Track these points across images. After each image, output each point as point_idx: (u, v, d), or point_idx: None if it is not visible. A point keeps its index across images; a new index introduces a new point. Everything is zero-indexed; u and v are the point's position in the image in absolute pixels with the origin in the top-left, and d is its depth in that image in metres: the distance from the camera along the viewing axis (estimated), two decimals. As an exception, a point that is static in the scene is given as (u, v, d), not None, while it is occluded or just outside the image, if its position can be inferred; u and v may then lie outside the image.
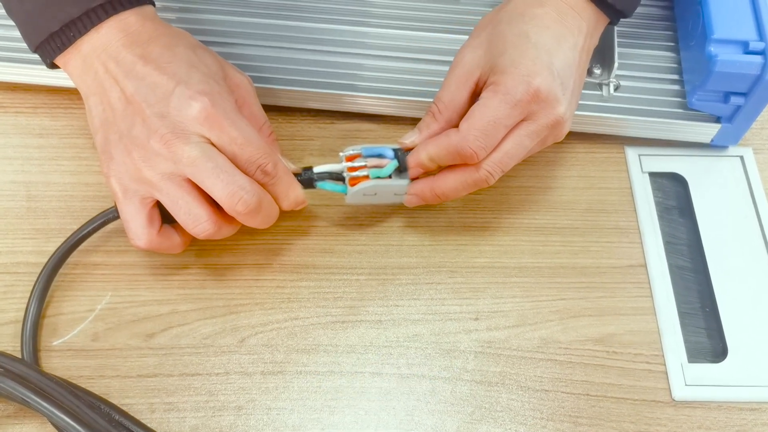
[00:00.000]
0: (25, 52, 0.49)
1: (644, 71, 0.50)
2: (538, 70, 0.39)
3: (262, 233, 0.45)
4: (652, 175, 0.49)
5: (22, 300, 0.42)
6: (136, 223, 0.40)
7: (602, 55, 0.50)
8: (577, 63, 0.42)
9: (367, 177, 0.41)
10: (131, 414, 0.39)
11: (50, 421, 0.38)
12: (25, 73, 0.49)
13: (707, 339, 0.44)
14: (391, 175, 0.42)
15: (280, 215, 0.42)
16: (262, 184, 0.40)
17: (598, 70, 0.49)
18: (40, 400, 0.36)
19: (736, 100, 0.45)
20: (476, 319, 0.43)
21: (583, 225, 0.47)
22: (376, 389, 0.41)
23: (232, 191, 0.38)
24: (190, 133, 0.38)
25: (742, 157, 0.50)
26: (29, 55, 0.48)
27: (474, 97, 0.42)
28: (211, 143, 0.38)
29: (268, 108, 0.45)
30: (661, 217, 0.48)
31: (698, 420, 0.40)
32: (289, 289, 0.44)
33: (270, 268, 0.45)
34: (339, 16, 0.52)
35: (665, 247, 0.46)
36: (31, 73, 0.49)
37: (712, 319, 0.44)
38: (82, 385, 0.40)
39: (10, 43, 0.50)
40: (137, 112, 0.38)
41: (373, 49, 0.51)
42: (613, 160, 0.50)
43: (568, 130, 0.42)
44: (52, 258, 0.43)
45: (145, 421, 0.39)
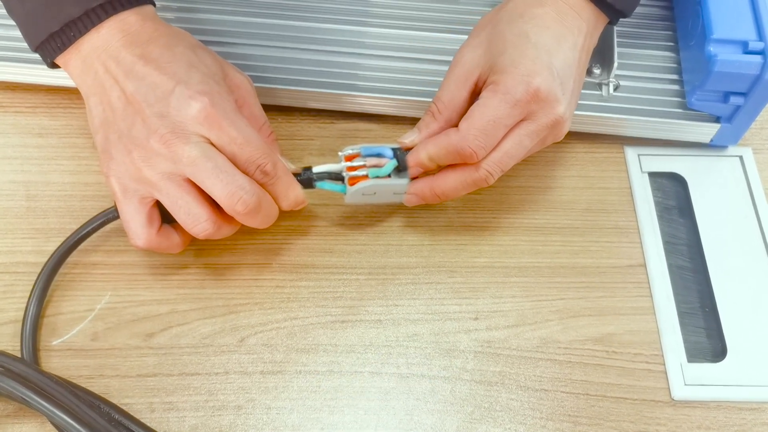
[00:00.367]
0: (25, 51, 0.49)
1: (644, 71, 0.50)
2: (538, 69, 0.39)
3: (261, 233, 0.45)
4: (652, 174, 0.50)
5: (22, 299, 0.42)
6: (136, 223, 0.40)
7: (602, 55, 0.50)
8: (577, 63, 0.42)
9: (366, 176, 0.41)
10: (131, 413, 0.39)
11: (50, 421, 0.38)
12: (24, 72, 0.49)
13: (707, 339, 0.44)
14: (390, 175, 0.42)
15: (280, 215, 0.42)
16: (262, 184, 0.40)
17: (597, 70, 0.49)
18: (40, 400, 0.36)
19: (735, 100, 0.45)
20: (476, 319, 0.43)
21: (583, 225, 0.47)
22: (376, 389, 0.41)
23: (232, 191, 0.38)
24: (190, 133, 0.38)
25: (741, 157, 0.50)
26: (28, 55, 0.48)
27: (473, 96, 0.42)
28: (211, 143, 0.38)
29: (268, 108, 0.45)
30: (661, 217, 0.48)
31: (697, 420, 0.41)
32: (289, 289, 0.44)
33: (269, 268, 0.45)
34: (339, 15, 0.52)
35: (665, 247, 0.46)
36: (31, 73, 0.49)
37: (711, 318, 0.44)
38: (82, 384, 0.40)
39: (10, 43, 0.50)
40: (137, 112, 0.38)
41: (372, 48, 0.51)
42: (612, 160, 0.50)
43: (567, 129, 0.42)
44: (52, 258, 0.43)
45: (145, 421, 0.39)
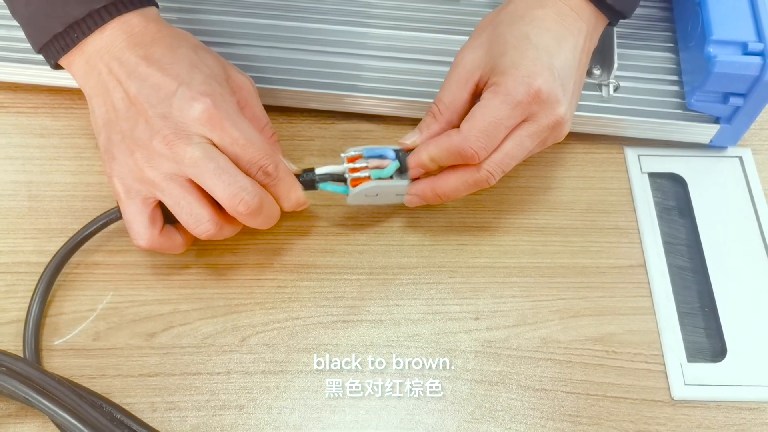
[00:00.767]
0: (27, 52, 0.49)
1: (643, 72, 0.50)
2: (539, 71, 0.39)
3: (263, 233, 0.45)
4: (652, 175, 0.50)
5: (24, 299, 0.42)
6: (138, 223, 0.40)
7: (602, 56, 0.50)
8: (577, 64, 0.42)
9: (369, 178, 0.42)
10: (133, 413, 0.39)
11: (52, 420, 0.38)
12: (26, 73, 0.49)
13: (706, 339, 0.44)
14: (392, 176, 0.42)
15: (281, 215, 0.42)
16: (264, 185, 0.40)
17: (597, 71, 0.50)
18: (42, 399, 0.36)
19: (735, 101, 0.46)
20: (476, 319, 0.44)
21: (583, 225, 0.47)
22: (377, 388, 0.41)
23: (234, 192, 0.38)
24: (192, 133, 0.38)
25: (741, 158, 0.50)
26: (31, 56, 0.48)
27: (474, 98, 0.43)
28: (213, 144, 0.38)
29: (269, 108, 0.45)
30: (661, 218, 0.48)
31: (697, 419, 0.41)
32: (290, 289, 0.44)
33: (271, 268, 0.45)
34: (340, 16, 0.52)
35: (664, 247, 0.47)
36: (33, 73, 0.49)
37: (711, 318, 0.44)
38: (84, 384, 0.40)
39: (12, 44, 0.50)
40: (140, 113, 0.38)
41: (373, 49, 0.51)
42: (612, 161, 0.50)
43: (568, 130, 0.43)
44: (55, 258, 0.43)
45: (147, 420, 0.39)
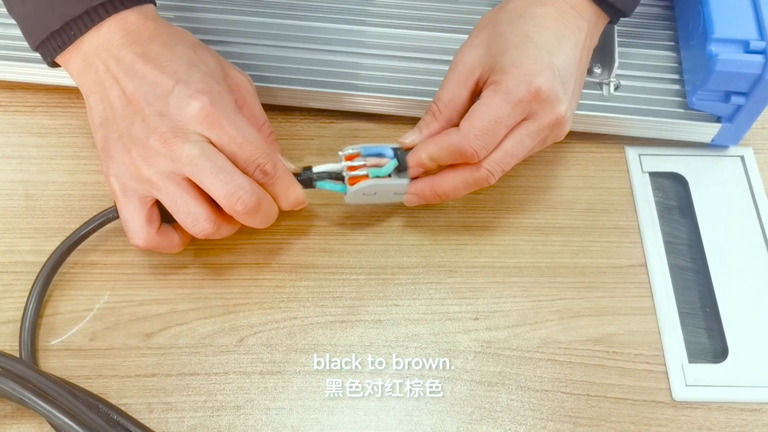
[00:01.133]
0: (24, 50, 0.49)
1: (644, 71, 0.50)
2: (539, 69, 0.39)
3: (261, 232, 0.45)
4: (653, 174, 0.49)
5: (20, 299, 0.42)
6: (135, 222, 0.39)
7: (602, 55, 0.50)
8: (578, 62, 0.42)
9: (367, 176, 0.41)
10: (129, 414, 0.39)
11: (48, 421, 0.37)
12: (23, 71, 0.49)
13: (708, 339, 0.44)
14: (390, 175, 0.42)
15: (279, 215, 0.42)
16: (262, 184, 0.40)
17: (598, 70, 0.49)
18: (38, 400, 0.36)
19: (736, 100, 0.45)
20: (476, 319, 0.43)
21: (583, 225, 0.47)
22: (375, 389, 0.41)
23: (231, 191, 0.38)
24: (190, 132, 0.38)
25: (742, 157, 0.50)
26: (28, 54, 0.48)
27: (474, 96, 0.42)
28: (211, 142, 0.38)
29: (268, 107, 0.45)
30: (662, 217, 0.48)
31: (699, 421, 0.40)
32: (288, 289, 0.44)
33: (269, 268, 0.45)
34: (339, 15, 0.52)
35: (665, 247, 0.46)
36: (30, 72, 0.49)
37: (712, 319, 0.44)
38: (80, 384, 0.40)
39: (9, 42, 0.49)
40: (137, 111, 0.38)
41: (372, 48, 0.51)
42: (613, 160, 0.50)
43: (568, 129, 0.42)
44: (51, 257, 0.43)
45: (144, 421, 0.39)
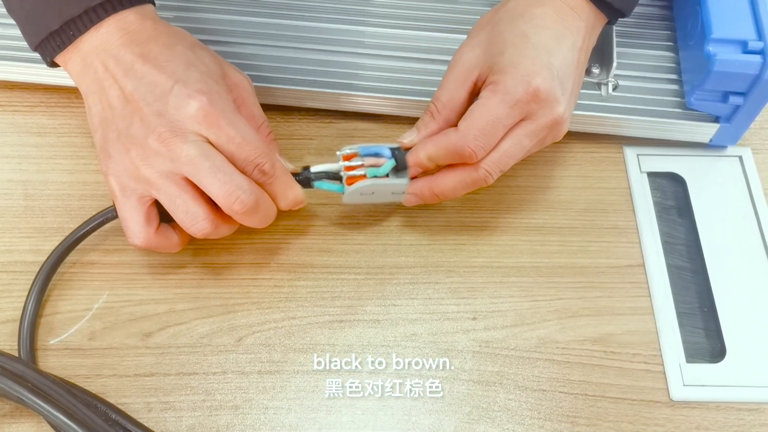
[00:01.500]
0: (23, 50, 0.49)
1: (643, 71, 0.50)
2: (538, 69, 0.39)
3: (259, 232, 0.45)
4: (651, 174, 0.49)
5: (20, 299, 0.42)
6: (134, 222, 0.39)
7: (601, 55, 0.50)
8: (576, 63, 0.42)
9: (365, 176, 0.41)
10: (128, 413, 0.39)
11: (47, 420, 0.37)
12: (22, 71, 0.49)
13: (705, 339, 0.44)
14: (388, 175, 0.42)
15: (278, 214, 0.42)
16: (260, 184, 0.40)
17: (596, 70, 0.49)
18: (37, 399, 0.36)
19: (734, 100, 0.45)
20: (474, 319, 0.43)
21: (582, 225, 0.47)
22: (374, 389, 0.41)
23: (229, 190, 0.38)
24: (188, 131, 0.38)
25: (740, 157, 0.50)
26: (27, 54, 0.48)
27: (472, 96, 0.42)
28: (209, 142, 0.38)
29: (267, 107, 0.45)
30: (660, 217, 0.48)
31: (696, 420, 0.40)
32: (287, 289, 0.44)
33: (267, 268, 0.45)
34: (337, 15, 0.52)
35: (663, 247, 0.46)
36: (29, 72, 0.49)
37: (710, 319, 0.44)
38: (79, 384, 0.40)
39: (8, 42, 0.49)
40: (136, 111, 0.38)
41: (371, 48, 0.51)
42: (611, 160, 0.50)
43: (566, 129, 0.42)
44: (51, 257, 0.43)
45: (142, 420, 0.39)
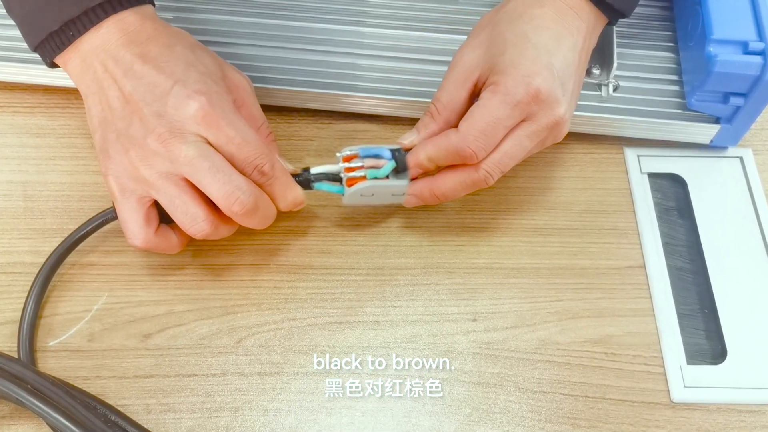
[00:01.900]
0: (23, 51, 0.49)
1: (643, 72, 0.50)
2: (538, 70, 0.39)
3: (259, 234, 0.45)
4: (651, 175, 0.49)
5: (19, 300, 0.42)
6: (134, 223, 0.39)
7: (601, 56, 0.50)
8: (577, 63, 0.42)
9: (365, 178, 0.41)
10: (127, 415, 0.39)
11: (46, 422, 0.37)
12: (22, 72, 0.49)
13: (706, 341, 0.44)
14: (388, 176, 0.42)
15: (278, 216, 0.42)
16: (260, 185, 0.40)
17: (597, 71, 0.49)
18: (36, 401, 0.36)
19: (735, 101, 0.45)
20: (474, 320, 0.43)
21: (582, 226, 0.47)
22: (374, 390, 0.41)
23: (229, 191, 0.38)
24: (187, 132, 0.38)
25: (741, 158, 0.50)
26: (27, 55, 0.48)
27: (473, 97, 0.42)
28: (209, 143, 0.38)
29: (267, 108, 0.45)
30: (660, 218, 0.48)
31: (697, 422, 0.40)
32: (287, 290, 0.44)
33: (267, 269, 0.45)
34: (337, 16, 0.52)
35: (664, 248, 0.46)
36: (29, 73, 0.49)
37: (711, 320, 0.44)
38: (79, 385, 0.40)
39: (8, 43, 0.49)
40: (135, 111, 0.38)
41: (371, 49, 0.51)
42: (612, 161, 0.50)
43: (567, 130, 0.42)
44: (50, 258, 0.43)
45: (142, 422, 0.39)
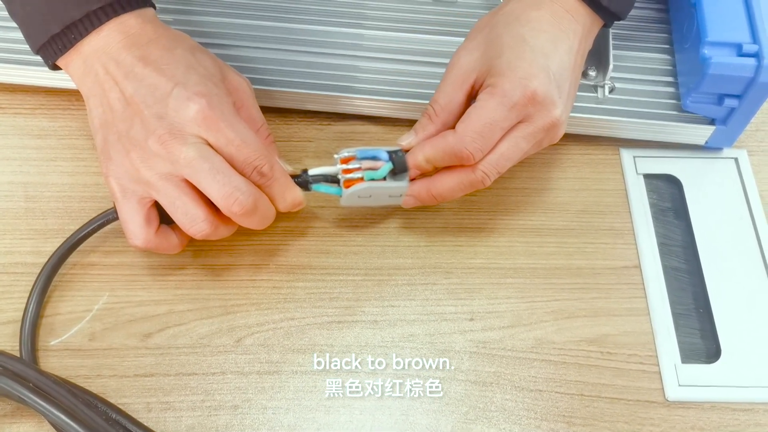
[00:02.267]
0: (24, 53, 0.49)
1: (639, 73, 0.50)
2: (535, 72, 0.40)
3: (258, 234, 0.45)
4: (647, 176, 0.50)
5: (21, 300, 0.43)
6: (134, 223, 0.40)
7: (597, 58, 0.50)
8: (573, 65, 0.42)
9: (362, 179, 0.42)
10: (128, 413, 0.39)
11: (47, 420, 0.38)
12: (23, 74, 0.49)
13: (701, 340, 0.44)
14: (385, 178, 0.42)
15: (277, 216, 0.42)
16: (259, 186, 0.40)
17: (593, 73, 0.50)
18: (38, 399, 0.37)
19: (730, 103, 0.46)
20: (471, 320, 0.44)
21: (578, 226, 0.47)
22: (372, 389, 0.41)
23: (228, 192, 0.38)
24: (188, 134, 0.38)
25: (736, 159, 0.50)
26: (28, 57, 0.49)
27: (470, 99, 0.43)
28: (209, 144, 0.38)
29: (266, 109, 0.45)
30: (656, 219, 0.48)
31: (691, 420, 0.41)
32: (286, 290, 0.44)
33: (266, 269, 0.45)
34: (336, 18, 0.53)
35: (659, 249, 0.47)
36: (30, 74, 0.49)
37: (705, 320, 0.44)
38: (80, 384, 0.40)
39: (10, 45, 0.50)
40: (136, 113, 0.38)
41: (369, 51, 0.51)
42: (608, 162, 0.50)
43: (563, 132, 0.43)
44: (51, 259, 0.43)
45: (142, 420, 0.39)
